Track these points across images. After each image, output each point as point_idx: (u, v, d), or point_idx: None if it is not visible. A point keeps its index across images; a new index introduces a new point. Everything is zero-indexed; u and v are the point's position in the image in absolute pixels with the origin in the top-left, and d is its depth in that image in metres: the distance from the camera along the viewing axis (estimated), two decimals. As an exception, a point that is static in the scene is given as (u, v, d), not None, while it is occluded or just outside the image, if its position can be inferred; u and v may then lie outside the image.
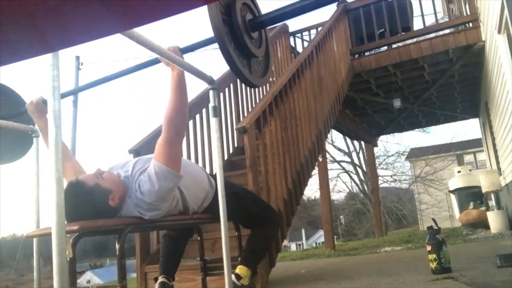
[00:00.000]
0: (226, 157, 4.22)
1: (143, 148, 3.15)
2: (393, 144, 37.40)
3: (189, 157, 3.61)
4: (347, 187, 19.44)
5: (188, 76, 1.75)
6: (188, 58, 1.80)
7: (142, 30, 1.77)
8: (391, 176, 18.66)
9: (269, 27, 6.61)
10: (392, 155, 18.48)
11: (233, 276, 2.04)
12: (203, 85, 2.13)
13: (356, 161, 17.56)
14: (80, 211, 1.59)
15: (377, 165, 14.56)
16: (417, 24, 6.66)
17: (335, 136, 16.46)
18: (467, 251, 3.84)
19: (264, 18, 1.55)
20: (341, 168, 17.95)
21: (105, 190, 1.67)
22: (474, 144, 20.03)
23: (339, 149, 17.49)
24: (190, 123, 3.75)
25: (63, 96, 2.07)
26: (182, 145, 1.71)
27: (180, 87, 1.69)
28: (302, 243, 34.17)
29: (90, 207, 1.63)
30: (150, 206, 1.70)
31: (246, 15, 1.49)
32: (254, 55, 1.52)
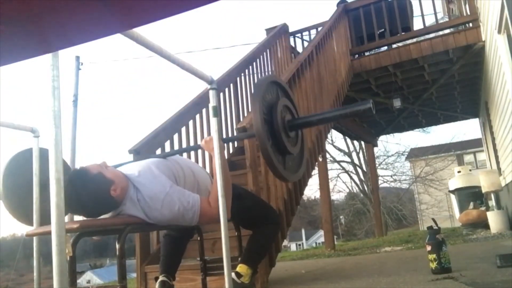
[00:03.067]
0: (226, 157, 4.22)
1: (143, 148, 3.15)
2: (393, 144, 37.39)
3: (189, 156, 3.61)
4: (347, 187, 19.48)
5: (188, 76, 1.78)
6: (188, 58, 1.81)
7: (142, 30, 1.77)
8: (391, 176, 18.71)
9: (270, 27, 6.54)
10: (392, 155, 18.54)
11: (233, 274, 2.04)
12: (203, 85, 2.14)
13: (356, 161, 17.59)
14: (81, 198, 1.62)
15: (377, 165, 14.56)
16: (417, 24, 6.65)
17: (335, 136, 16.48)
18: (467, 251, 3.84)
19: (301, 121, 1.74)
20: (341, 168, 17.99)
21: (107, 179, 1.70)
22: (474, 144, 20.03)
23: (339, 149, 17.52)
24: (190, 122, 3.76)
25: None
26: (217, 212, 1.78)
27: (224, 170, 1.85)
28: (302, 243, 34.13)
29: (92, 195, 1.65)
30: (156, 213, 1.75)
31: (285, 116, 1.65)
32: (289, 152, 1.67)
